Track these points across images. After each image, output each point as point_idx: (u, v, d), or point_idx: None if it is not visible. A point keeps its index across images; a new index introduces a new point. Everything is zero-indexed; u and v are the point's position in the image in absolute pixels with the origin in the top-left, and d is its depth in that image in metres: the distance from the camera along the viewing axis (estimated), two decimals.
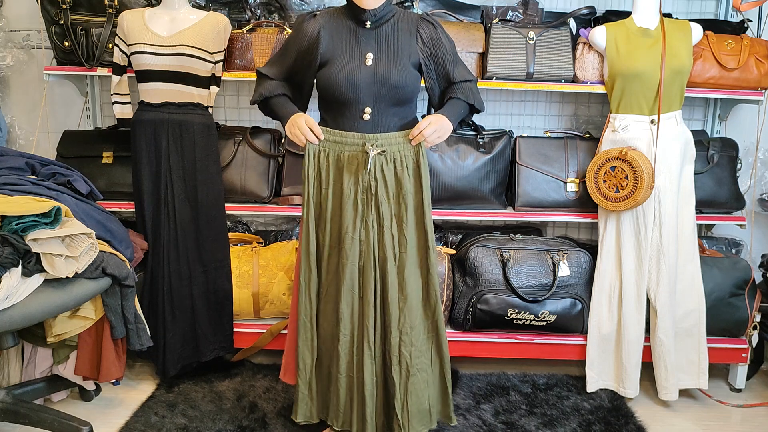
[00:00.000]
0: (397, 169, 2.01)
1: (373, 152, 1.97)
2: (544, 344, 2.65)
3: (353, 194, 2.00)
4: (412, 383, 2.05)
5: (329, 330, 2.09)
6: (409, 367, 2.04)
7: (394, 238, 2.02)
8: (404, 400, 2.05)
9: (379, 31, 2.00)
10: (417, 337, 2.05)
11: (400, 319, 2.03)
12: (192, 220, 2.55)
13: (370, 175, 1.98)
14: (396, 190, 2.01)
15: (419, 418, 2.08)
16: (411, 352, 2.04)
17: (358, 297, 2.04)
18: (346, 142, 2.01)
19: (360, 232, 2.01)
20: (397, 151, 2.01)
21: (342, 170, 2.01)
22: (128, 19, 2.51)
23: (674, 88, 2.51)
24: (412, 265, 2.04)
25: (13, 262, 1.91)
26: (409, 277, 2.03)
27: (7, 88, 3.07)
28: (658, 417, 2.49)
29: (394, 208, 2.02)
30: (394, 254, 2.02)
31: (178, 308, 2.54)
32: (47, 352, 2.39)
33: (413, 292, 2.04)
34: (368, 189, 1.99)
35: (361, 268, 2.02)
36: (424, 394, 2.08)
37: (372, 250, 2.01)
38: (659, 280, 2.51)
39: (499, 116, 3.11)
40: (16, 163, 2.29)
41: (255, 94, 2.12)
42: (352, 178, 2.00)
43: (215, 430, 2.28)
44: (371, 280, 2.01)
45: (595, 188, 2.58)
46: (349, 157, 2.00)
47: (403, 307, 2.03)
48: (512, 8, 2.84)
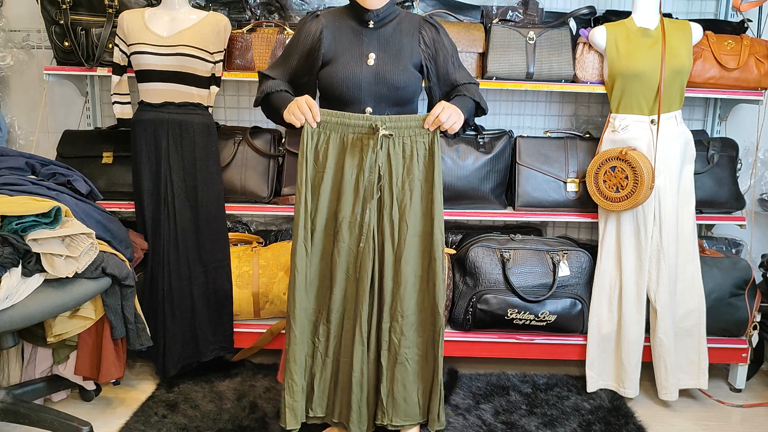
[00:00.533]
0: (406, 153, 1.96)
1: (382, 132, 1.91)
2: (544, 344, 2.65)
3: (354, 177, 1.96)
4: (399, 371, 2.02)
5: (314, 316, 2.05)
6: (397, 355, 2.02)
7: (393, 224, 1.98)
8: (390, 387, 2.03)
9: (381, 32, 2.01)
10: (409, 327, 2.02)
11: (392, 306, 2.01)
12: (192, 220, 2.55)
13: (377, 155, 1.93)
14: (402, 175, 1.97)
15: (405, 408, 2.05)
16: (400, 340, 2.01)
17: (353, 281, 1.99)
18: (350, 123, 1.94)
19: (358, 217, 1.96)
20: (407, 135, 1.96)
21: (345, 153, 1.95)
22: (128, 19, 2.51)
23: (674, 88, 2.51)
24: (412, 253, 1.99)
25: (13, 262, 1.91)
26: (405, 266, 1.99)
27: (7, 88, 3.07)
28: (658, 417, 2.49)
29: (397, 193, 1.97)
30: (392, 241, 1.98)
31: (178, 308, 2.54)
32: (47, 352, 2.39)
33: (409, 281, 2.00)
34: (373, 171, 1.94)
35: (360, 252, 1.98)
36: (412, 387, 2.06)
37: (372, 235, 1.97)
38: (659, 280, 2.51)
39: (499, 116, 3.11)
40: (16, 163, 2.29)
41: (257, 93, 2.09)
42: (355, 161, 1.95)
43: (215, 430, 2.28)
44: (369, 265, 1.97)
45: (595, 188, 2.58)
46: (353, 139, 1.95)
47: (396, 294, 2.00)
48: (512, 8, 2.84)
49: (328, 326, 2.02)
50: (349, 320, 2.02)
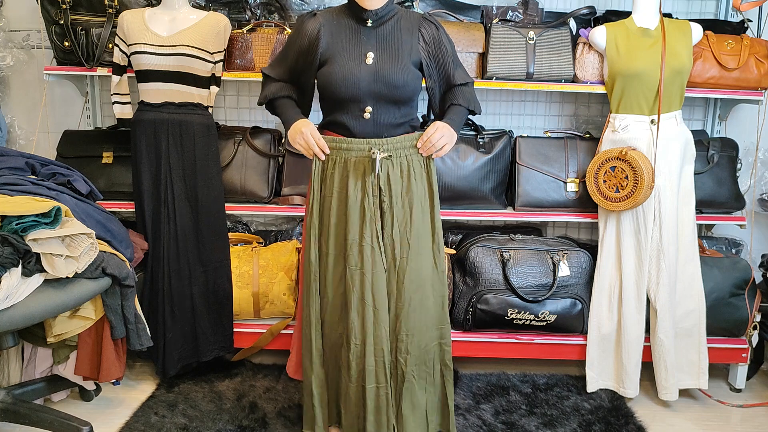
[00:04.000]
0: (403, 173, 1.99)
1: (380, 156, 1.95)
2: (544, 344, 2.65)
3: (360, 199, 1.98)
4: (406, 389, 2.03)
5: (336, 339, 2.05)
6: (404, 374, 2.02)
7: (395, 243, 1.99)
8: (398, 406, 2.04)
9: (380, 30, 2.00)
10: (415, 346, 2.02)
11: (397, 326, 2.01)
12: (192, 220, 2.55)
13: (378, 178, 1.96)
14: (403, 194, 2.00)
15: (413, 419, 2.05)
16: (406, 359, 2.01)
17: (370, 306, 1.98)
18: (351, 148, 1.99)
19: (367, 238, 1.97)
20: (404, 155, 1.99)
21: (348, 176, 1.98)
22: (128, 19, 2.51)
23: (674, 88, 2.51)
24: (415, 271, 2.00)
25: (13, 262, 1.91)
26: (409, 284, 1.99)
27: (7, 88, 3.07)
28: (658, 417, 2.49)
29: (398, 212, 1.99)
30: (395, 260, 2.00)
31: (178, 308, 2.54)
32: (47, 352, 2.39)
33: (413, 299, 2.00)
34: (375, 194, 1.97)
35: (373, 275, 1.97)
36: (420, 400, 2.06)
37: (378, 256, 1.98)
38: (659, 280, 2.51)
39: (499, 116, 3.11)
40: (16, 163, 2.29)
41: (260, 95, 2.12)
42: (358, 184, 1.98)
43: (215, 430, 2.28)
44: (383, 288, 1.98)
45: (595, 188, 2.58)
46: (355, 162, 1.98)
47: (400, 313, 2.00)
48: (512, 8, 2.84)
49: (349, 353, 2.00)
50: (370, 346, 1.99)
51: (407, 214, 2.00)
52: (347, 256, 1.99)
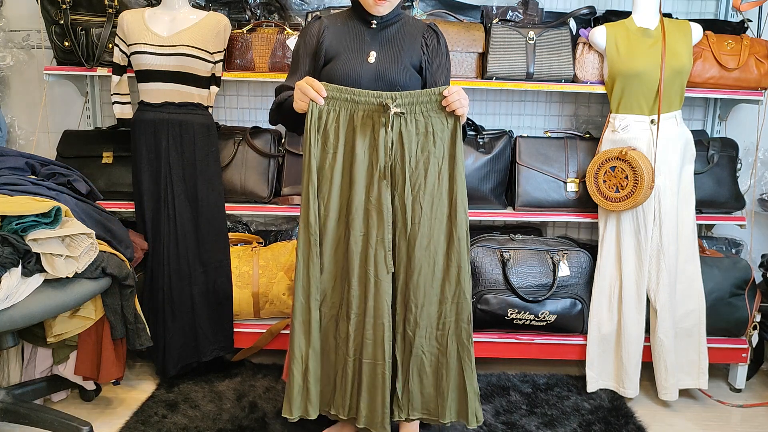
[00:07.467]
0: (419, 131, 1.86)
1: (393, 110, 1.81)
2: (544, 344, 2.65)
3: (368, 158, 1.85)
4: (414, 363, 1.92)
5: (327, 311, 1.94)
6: (412, 347, 1.91)
7: (406, 207, 1.86)
8: (405, 380, 1.93)
9: (384, 32, 2.02)
10: (424, 318, 1.91)
11: (405, 295, 1.90)
12: (192, 220, 2.55)
13: (388, 135, 1.82)
14: (417, 154, 1.86)
15: (422, 402, 1.96)
16: (415, 331, 1.90)
17: (372, 276, 1.86)
18: (359, 100, 1.85)
19: (373, 201, 1.85)
20: (419, 111, 1.86)
21: (355, 132, 1.85)
22: (128, 19, 2.51)
23: (674, 88, 2.51)
24: (426, 238, 1.87)
25: (13, 262, 1.91)
26: (420, 252, 1.87)
27: (7, 88, 3.07)
28: (658, 417, 2.49)
29: (410, 174, 1.86)
30: (405, 225, 1.87)
31: (178, 308, 2.54)
32: (47, 352, 2.39)
33: (424, 269, 1.88)
34: (388, 153, 1.84)
35: (380, 241, 1.85)
36: (429, 380, 1.95)
37: (387, 220, 1.86)
38: (659, 280, 2.52)
39: (499, 116, 3.11)
40: (16, 163, 2.29)
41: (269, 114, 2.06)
42: (366, 141, 1.85)
43: (215, 430, 2.28)
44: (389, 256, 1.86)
45: (595, 188, 2.58)
46: (363, 116, 1.85)
47: (409, 282, 1.88)
48: (512, 8, 2.84)
49: (348, 324, 1.90)
50: (370, 318, 1.89)
51: (421, 176, 1.86)
52: (351, 220, 1.86)
